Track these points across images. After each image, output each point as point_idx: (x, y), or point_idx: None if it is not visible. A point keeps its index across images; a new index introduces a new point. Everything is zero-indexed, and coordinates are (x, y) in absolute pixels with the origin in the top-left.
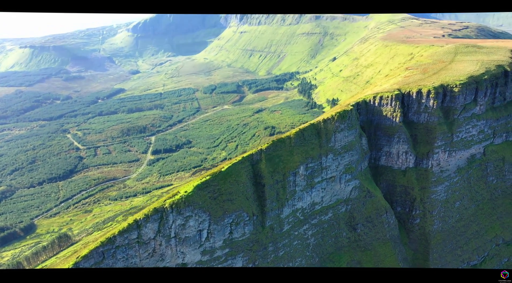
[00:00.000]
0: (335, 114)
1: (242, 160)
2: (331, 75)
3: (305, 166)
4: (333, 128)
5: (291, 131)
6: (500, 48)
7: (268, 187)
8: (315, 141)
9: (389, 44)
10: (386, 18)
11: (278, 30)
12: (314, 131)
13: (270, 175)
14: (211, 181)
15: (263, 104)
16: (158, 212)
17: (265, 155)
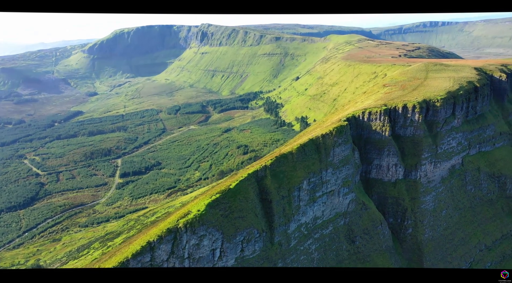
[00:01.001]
0: (333, 129)
1: (248, 176)
2: (297, 94)
3: (308, 181)
4: (332, 143)
5: (293, 147)
6: (464, 66)
7: (275, 203)
8: (315, 156)
9: (352, 64)
10: (343, 39)
11: (239, 51)
12: (314, 146)
13: (276, 191)
14: (222, 199)
15: (230, 124)
16: (172, 232)
17: (270, 171)
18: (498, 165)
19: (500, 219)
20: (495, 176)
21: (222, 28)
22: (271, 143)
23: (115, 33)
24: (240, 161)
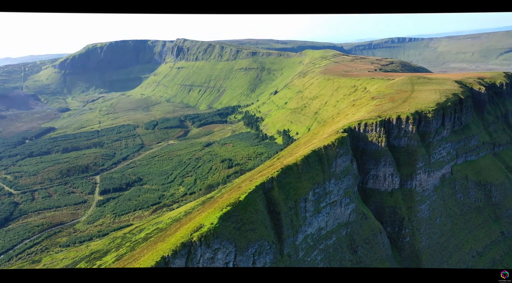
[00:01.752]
0: (334, 140)
1: (256, 189)
2: (276, 107)
3: (313, 192)
4: (334, 154)
5: (297, 158)
6: (446, 79)
7: (284, 214)
8: (318, 167)
9: (331, 78)
10: (319, 54)
11: (216, 65)
12: (317, 158)
13: (284, 202)
14: (233, 211)
15: (210, 138)
16: (186, 246)
17: (276, 182)
18: (483, 173)
19: (488, 225)
20: (481, 184)
21: (198, 43)
22: (255, 156)
23: (88, 47)
24: (225, 175)
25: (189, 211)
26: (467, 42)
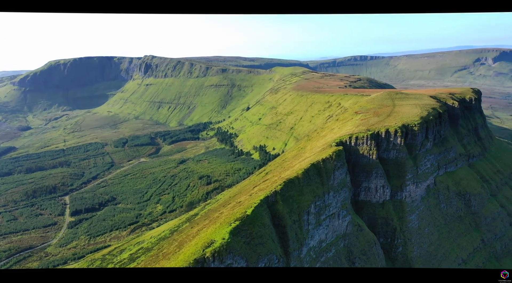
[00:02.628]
0: (332, 153)
1: (261, 203)
2: (250, 123)
3: (314, 205)
4: (332, 167)
5: (297, 172)
6: (422, 95)
7: (289, 227)
8: (317, 180)
9: (304, 94)
10: (289, 71)
11: (185, 82)
12: (316, 171)
13: (288, 215)
14: (242, 226)
15: (183, 155)
16: (199, 262)
17: (280, 196)
18: (462, 183)
19: (470, 233)
20: (461, 194)
21: (167, 60)
22: (233, 172)
23: (50, 64)
24: (204, 192)
25: (174, 229)
26: (424, 60)
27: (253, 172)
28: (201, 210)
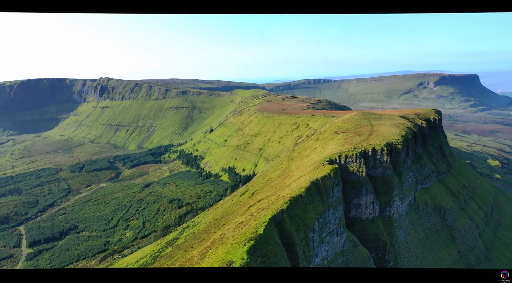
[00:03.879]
0: (330, 171)
1: (270, 222)
2: (216, 145)
3: (317, 222)
4: (331, 184)
5: (300, 190)
6: (392, 115)
7: (297, 245)
8: (318, 197)
9: (271, 115)
10: (250, 94)
11: (144, 104)
12: (316, 189)
13: (296, 233)
14: (256, 245)
15: (147, 179)
16: None
17: (287, 214)
18: (437, 198)
19: (448, 246)
20: (437, 208)
21: (124, 82)
22: (204, 195)
23: None
24: (177, 216)
25: (154, 254)
26: (373, 84)
27: (225, 193)
28: (180, 234)
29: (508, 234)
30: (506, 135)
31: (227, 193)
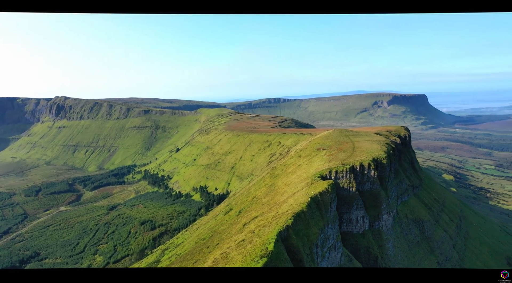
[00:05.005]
0: (328, 186)
1: (277, 238)
2: (184, 165)
3: (320, 237)
4: (329, 199)
5: (302, 206)
6: (367, 132)
7: (304, 261)
8: (317, 213)
9: (241, 134)
10: (215, 113)
11: (104, 124)
12: (315, 204)
13: (302, 249)
14: (269, 262)
15: (111, 201)
16: None
17: (292, 230)
18: (415, 211)
19: (428, 257)
20: (416, 221)
21: (82, 102)
22: (177, 215)
23: None
24: (151, 238)
25: None
26: (331, 103)
27: (199, 213)
28: (161, 256)
29: (476, 244)
30: (455, 151)
31: (201, 212)
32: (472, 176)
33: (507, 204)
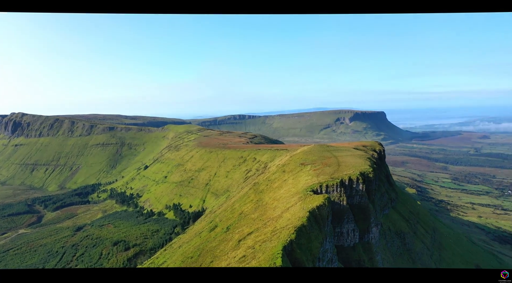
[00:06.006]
0: (324, 200)
1: (283, 253)
2: (154, 182)
3: (320, 251)
4: (326, 213)
5: (302, 219)
6: (347, 147)
7: None
8: (316, 226)
9: (213, 150)
10: (183, 129)
11: (66, 141)
12: (313, 218)
13: (306, 263)
14: None
15: (76, 221)
16: None
17: (296, 245)
18: (397, 224)
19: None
20: (398, 233)
21: (41, 118)
22: (151, 234)
23: None
24: (125, 258)
25: None
26: (295, 119)
27: (174, 231)
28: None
29: (449, 255)
30: (414, 166)
31: (176, 231)
32: (432, 189)
33: (466, 215)
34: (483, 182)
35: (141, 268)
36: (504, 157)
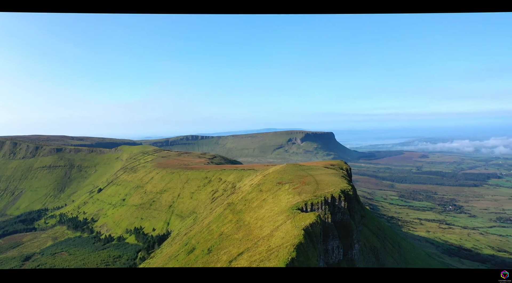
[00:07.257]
0: (316, 217)
1: None
2: (110, 206)
3: None
4: (318, 231)
5: (299, 237)
6: (318, 166)
7: None
8: (311, 244)
9: (175, 171)
10: (138, 150)
11: (7, 164)
12: (307, 236)
13: None
14: None
15: (22, 251)
16: None
17: (296, 262)
18: (370, 240)
19: None
20: (372, 248)
21: None
22: (113, 260)
23: None
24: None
25: None
26: (248, 140)
27: (138, 256)
28: None
29: None
30: (364, 184)
31: (141, 255)
32: (382, 206)
33: (416, 230)
34: (426, 198)
35: (141, 268)
36: (442, 174)
